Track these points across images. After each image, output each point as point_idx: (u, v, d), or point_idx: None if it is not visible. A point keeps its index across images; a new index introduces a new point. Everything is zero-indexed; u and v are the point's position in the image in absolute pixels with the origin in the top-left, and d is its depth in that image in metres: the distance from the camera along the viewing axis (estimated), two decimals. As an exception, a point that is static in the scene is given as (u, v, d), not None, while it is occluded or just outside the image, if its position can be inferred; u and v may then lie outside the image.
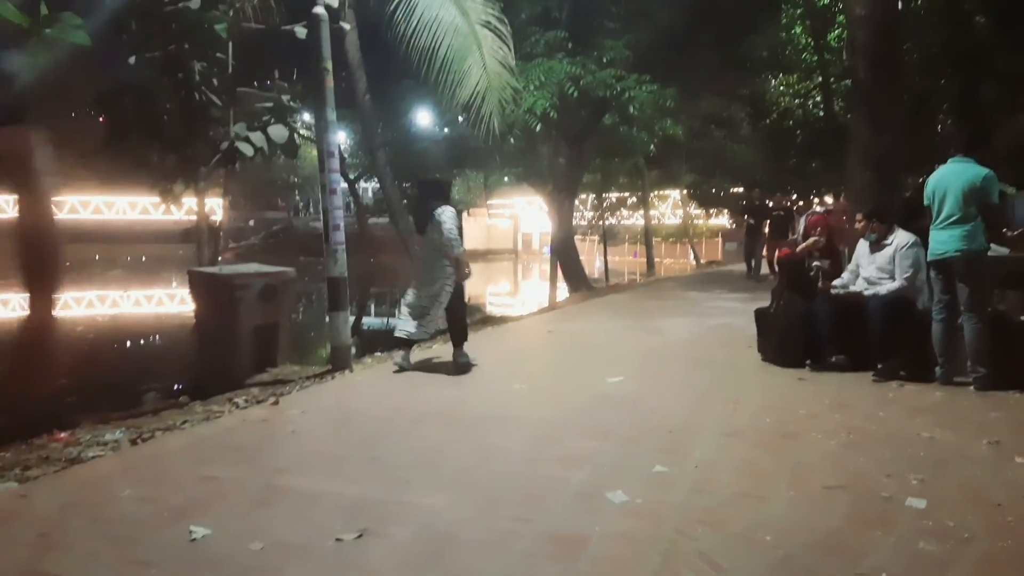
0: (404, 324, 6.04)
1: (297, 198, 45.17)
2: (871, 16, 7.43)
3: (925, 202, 5.24)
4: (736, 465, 3.57)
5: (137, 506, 3.15)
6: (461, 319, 6.21)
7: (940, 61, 12.41)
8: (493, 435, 4.15)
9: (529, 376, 5.77)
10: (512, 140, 13.69)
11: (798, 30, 16.23)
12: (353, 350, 6.73)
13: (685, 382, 5.51)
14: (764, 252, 13.59)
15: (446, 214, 5.88)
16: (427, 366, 6.27)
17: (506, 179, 24.00)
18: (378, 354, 7.38)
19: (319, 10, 6.31)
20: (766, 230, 13.38)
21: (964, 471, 3.43)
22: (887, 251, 5.64)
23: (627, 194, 28.78)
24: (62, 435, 4.43)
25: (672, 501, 3.11)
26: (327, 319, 6.56)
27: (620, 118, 13.40)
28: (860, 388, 5.19)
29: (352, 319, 7.58)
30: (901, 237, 5.61)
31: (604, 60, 12.69)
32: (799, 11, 15.86)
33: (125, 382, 7.85)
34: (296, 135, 7.52)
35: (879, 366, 5.42)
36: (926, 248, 5.43)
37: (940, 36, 12.17)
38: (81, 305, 18.47)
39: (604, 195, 27.02)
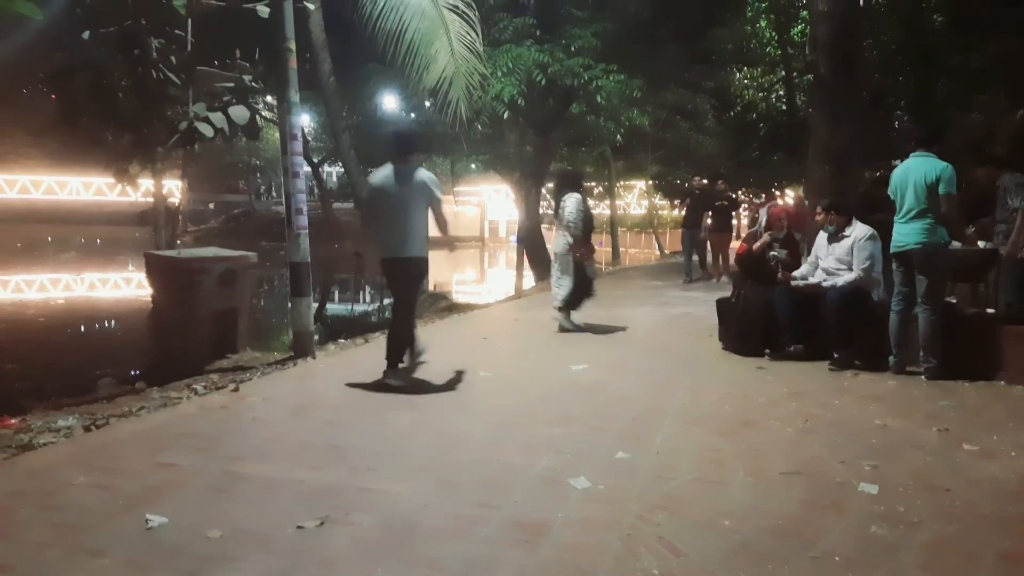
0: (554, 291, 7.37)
1: (259, 181, 44.30)
2: (833, 12, 7.54)
3: (890, 196, 5.35)
4: (696, 452, 3.63)
5: (90, 494, 3.07)
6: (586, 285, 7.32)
7: (898, 58, 12.70)
8: (457, 422, 4.15)
9: (494, 363, 5.78)
10: (479, 127, 13.63)
11: (763, 24, 16.45)
12: (316, 337, 6.65)
13: (648, 370, 5.57)
14: (707, 246, 12.60)
15: (569, 200, 7.13)
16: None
17: (473, 166, 23.87)
18: (341, 341, 7.31)
19: (283, -12, 6.17)
20: (708, 221, 12.23)
21: (914, 458, 3.54)
22: (845, 243, 5.77)
23: (593, 184, 28.89)
24: (12, 421, 4.30)
25: (633, 487, 3.15)
26: (289, 305, 6.47)
27: (587, 107, 13.41)
28: (817, 377, 5.32)
29: (315, 305, 7.47)
30: (859, 230, 5.74)
31: (572, 49, 12.67)
32: (763, 5, 16.07)
33: (79, 367, 7.63)
34: (258, 116, 7.35)
35: (835, 355, 5.56)
36: (884, 241, 5.57)
37: (898, 34, 12.45)
38: (32, 288, 17.88)
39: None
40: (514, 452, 3.62)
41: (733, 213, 12.57)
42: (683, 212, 13.17)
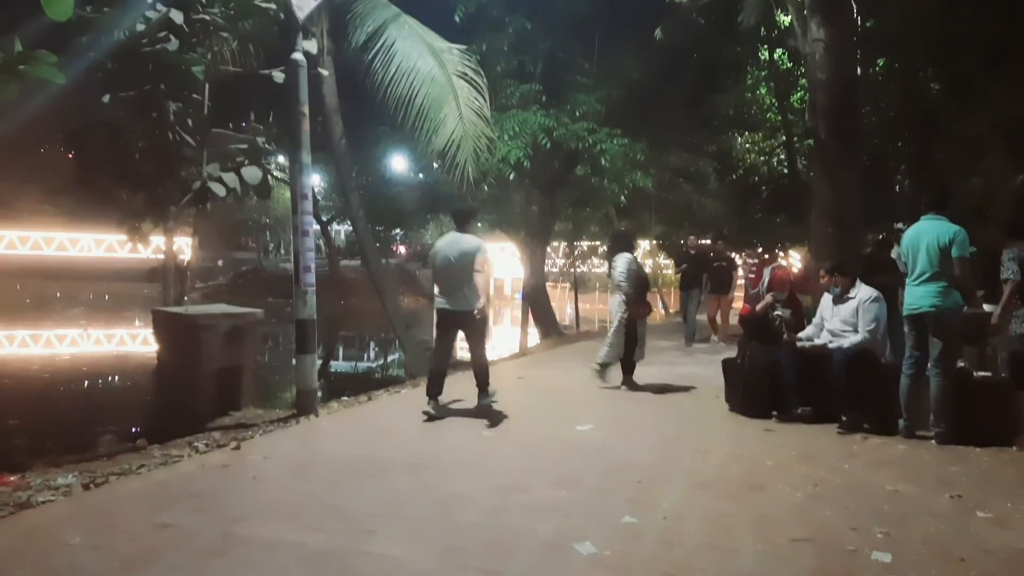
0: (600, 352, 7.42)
1: (268, 239, 44.84)
2: (831, 80, 7.77)
3: (900, 258, 5.35)
4: (704, 516, 3.56)
5: (86, 554, 3.02)
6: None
7: (896, 124, 12.97)
8: (460, 483, 4.09)
9: (498, 422, 5.72)
10: (486, 187, 13.86)
11: (763, 91, 16.87)
12: (319, 394, 6.62)
13: (654, 431, 5.51)
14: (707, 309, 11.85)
15: (620, 260, 7.26)
16: (388, 412, 6.18)
17: (479, 225, 24.22)
18: (345, 398, 7.26)
19: (297, 56, 6.39)
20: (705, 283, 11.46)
21: (927, 525, 3.46)
22: (850, 304, 5.77)
23: (598, 243, 29.16)
24: (11, 478, 4.25)
25: (640, 553, 3.08)
26: (294, 362, 6.46)
27: (591, 169, 13.68)
28: (825, 440, 5.24)
29: (319, 362, 7.46)
30: (864, 291, 5.76)
31: (576, 113, 13.02)
32: (763, 73, 16.51)
33: (81, 424, 7.58)
34: (270, 176, 7.51)
35: (843, 418, 5.49)
36: (889, 303, 5.56)
37: (896, 101, 12.75)
38: (38, 344, 17.92)
39: (575, 243, 27.36)
40: (518, 515, 3.55)
41: (732, 274, 11.61)
42: (678, 274, 12.24)
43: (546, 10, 14.11)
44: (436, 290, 6.05)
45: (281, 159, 14.11)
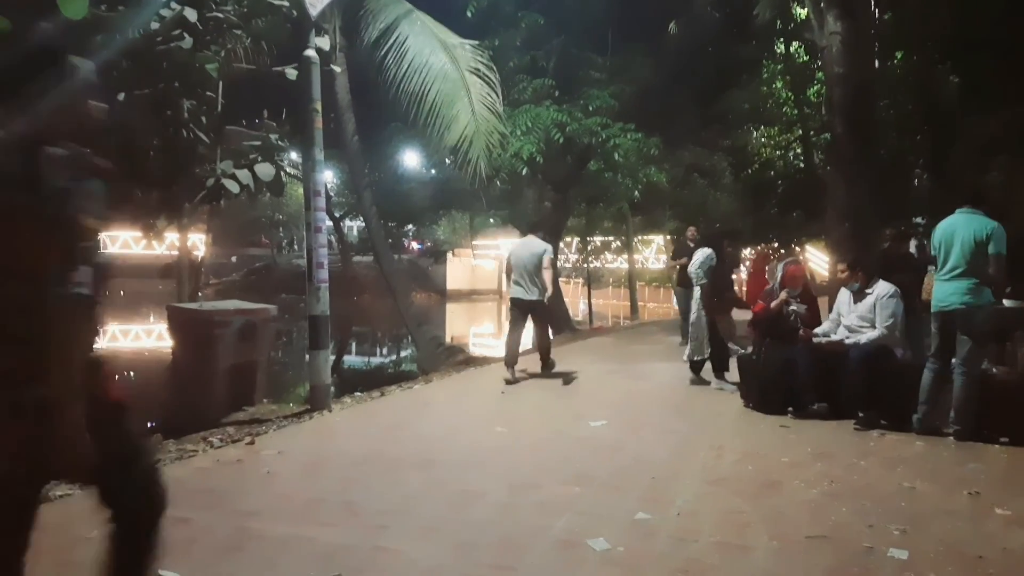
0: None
1: (281, 235, 45.06)
2: (848, 75, 7.67)
3: (931, 252, 5.23)
4: (719, 513, 3.53)
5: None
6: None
7: (914, 120, 12.79)
8: (472, 480, 4.09)
9: (511, 419, 5.72)
10: (498, 183, 13.85)
11: (779, 84, 16.69)
12: (332, 390, 6.64)
13: (667, 428, 5.48)
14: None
15: (698, 254, 7.22)
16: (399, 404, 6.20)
17: (492, 221, 24.19)
18: (357, 394, 7.29)
19: (310, 53, 6.41)
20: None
21: (945, 523, 3.42)
22: (868, 300, 5.71)
23: (611, 238, 29.07)
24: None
25: (654, 550, 3.07)
26: (307, 358, 6.49)
27: (605, 165, 13.62)
28: (841, 437, 5.19)
29: (332, 358, 7.48)
30: (881, 287, 5.69)
31: (590, 108, 12.97)
32: (779, 67, 16.35)
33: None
34: (283, 173, 7.53)
35: (860, 415, 5.43)
36: (906, 299, 5.49)
37: (914, 96, 12.58)
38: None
39: (589, 239, 27.31)
40: (531, 512, 3.55)
41: (735, 270, 10.53)
42: (676, 267, 10.73)
43: (559, 5, 14.06)
44: (511, 283, 7.45)
45: (294, 156, 14.16)
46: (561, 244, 17.18)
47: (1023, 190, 9.05)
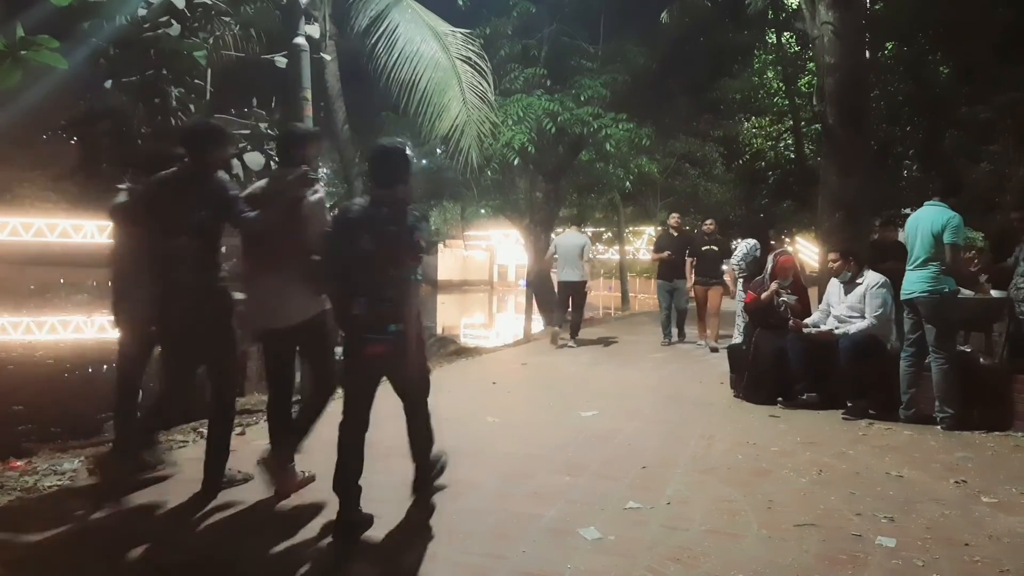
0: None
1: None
2: (839, 65, 7.66)
3: (901, 242, 5.36)
4: (709, 502, 3.56)
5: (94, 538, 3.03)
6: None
7: (905, 109, 12.85)
8: (464, 470, 4.09)
9: (502, 409, 5.73)
10: (490, 173, 13.80)
11: (770, 75, 16.71)
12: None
13: (659, 417, 5.50)
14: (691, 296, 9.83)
15: (742, 245, 7.75)
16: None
17: (483, 211, 24.16)
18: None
19: (300, 40, 6.36)
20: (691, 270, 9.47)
21: (932, 510, 3.46)
22: (858, 290, 5.74)
23: (603, 229, 29.08)
24: (18, 463, 4.28)
25: (645, 538, 3.09)
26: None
27: (596, 155, 13.59)
28: (830, 426, 5.23)
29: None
30: (871, 277, 5.73)
31: (582, 98, 12.92)
32: (771, 57, 16.36)
33: (86, 409, 7.61)
34: (272, 162, 7.48)
35: (849, 404, 5.48)
36: (895, 289, 5.53)
37: (905, 86, 12.62)
38: (43, 330, 18.00)
39: (580, 229, 27.35)
40: (523, 501, 3.56)
41: (724, 261, 9.52)
42: (655, 259, 9.94)
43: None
44: (558, 268, 9.63)
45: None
46: (552, 235, 17.12)
47: (1014, 179, 9.11)
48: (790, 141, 16.90)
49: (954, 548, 3.01)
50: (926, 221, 5.13)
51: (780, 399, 5.88)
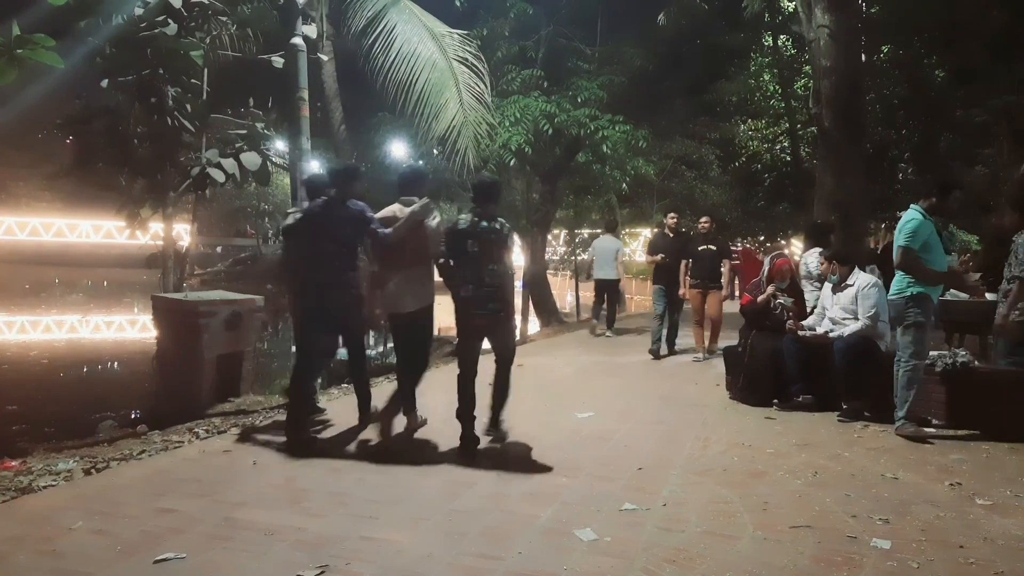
0: None
1: (267, 225, 44.76)
2: (835, 67, 7.71)
3: None
4: (704, 503, 3.56)
5: (89, 539, 3.03)
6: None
7: (901, 112, 12.89)
8: (460, 470, 4.10)
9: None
10: (486, 174, 13.79)
11: (766, 78, 16.76)
12: (320, 380, 6.61)
13: (655, 419, 5.51)
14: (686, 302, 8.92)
15: (810, 256, 7.00)
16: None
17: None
18: (344, 385, 7.26)
19: (297, 41, 6.36)
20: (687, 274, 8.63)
21: (927, 512, 3.47)
22: (849, 292, 5.76)
23: (599, 231, 29.12)
24: (12, 463, 4.26)
25: (640, 539, 3.09)
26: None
27: (593, 156, 13.61)
28: (826, 428, 5.25)
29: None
30: (862, 279, 5.74)
31: (579, 100, 12.94)
32: (767, 60, 16.40)
33: (81, 410, 7.59)
34: (269, 162, 7.47)
35: (844, 406, 5.50)
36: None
37: (901, 89, 12.67)
38: (37, 330, 17.93)
39: (576, 231, 27.35)
40: (519, 502, 3.56)
41: (723, 262, 8.64)
42: (650, 262, 9.22)
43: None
44: (596, 268, 10.73)
45: (280, 145, 14.03)
46: (549, 236, 17.13)
47: (1009, 181, 9.13)
48: (786, 144, 16.96)
49: (949, 550, 3.02)
50: (899, 224, 5.13)
51: (776, 401, 5.90)
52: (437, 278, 4.81)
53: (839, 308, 5.81)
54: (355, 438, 4.83)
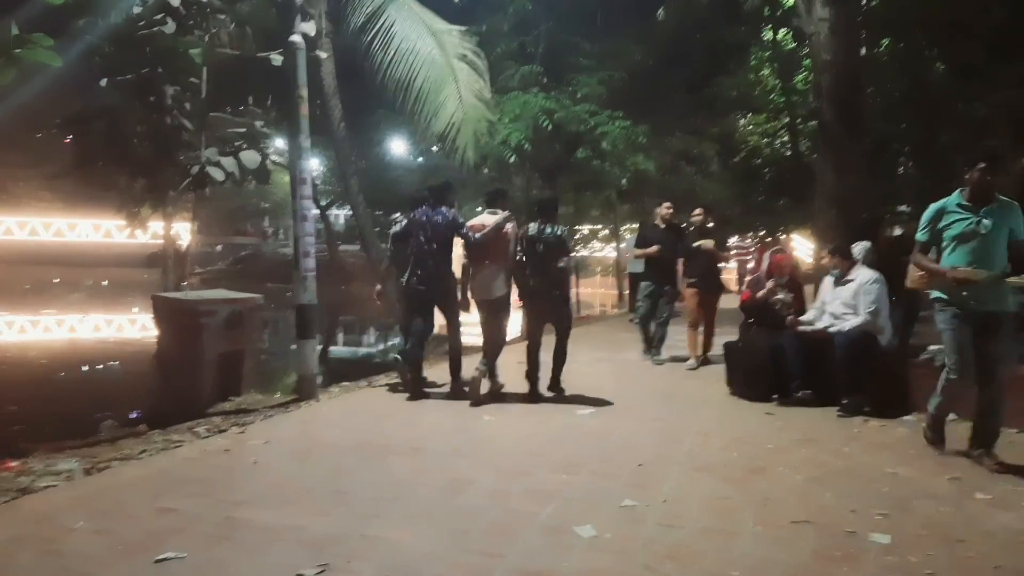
0: None
1: (267, 224, 44.75)
2: (835, 61, 7.68)
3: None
4: (705, 499, 3.57)
5: (90, 539, 3.03)
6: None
7: (902, 107, 12.84)
8: (461, 468, 4.10)
9: (497, 407, 5.73)
10: (486, 171, 13.80)
11: (766, 72, 16.70)
12: (320, 379, 6.63)
13: (655, 415, 5.51)
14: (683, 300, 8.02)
15: (855, 248, 6.60)
16: (383, 396, 6.21)
17: (479, 209, 24.18)
18: (345, 384, 7.27)
19: (296, 38, 6.33)
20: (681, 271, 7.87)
21: (927, 507, 3.47)
22: (851, 287, 5.75)
23: (599, 227, 29.08)
24: (13, 464, 4.27)
25: (641, 536, 3.09)
26: (294, 347, 6.46)
27: (593, 152, 13.60)
28: (826, 423, 5.25)
29: (319, 348, 7.45)
30: (864, 274, 5.73)
31: (578, 96, 12.94)
32: (767, 54, 16.34)
33: (81, 409, 7.59)
34: (268, 161, 7.47)
35: (844, 402, 5.49)
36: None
37: (901, 83, 12.61)
38: (37, 329, 17.95)
39: (577, 227, 27.34)
40: (520, 499, 3.56)
41: (722, 258, 8.03)
42: (641, 255, 8.18)
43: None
44: (631, 263, 11.47)
45: (280, 143, 14.02)
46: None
47: (1010, 177, 9.07)
48: (786, 139, 16.91)
49: (949, 545, 3.02)
50: None
51: (776, 396, 5.89)
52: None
53: (840, 303, 5.80)
54: (353, 438, 4.84)
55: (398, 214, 7.24)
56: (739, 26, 15.74)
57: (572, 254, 7.38)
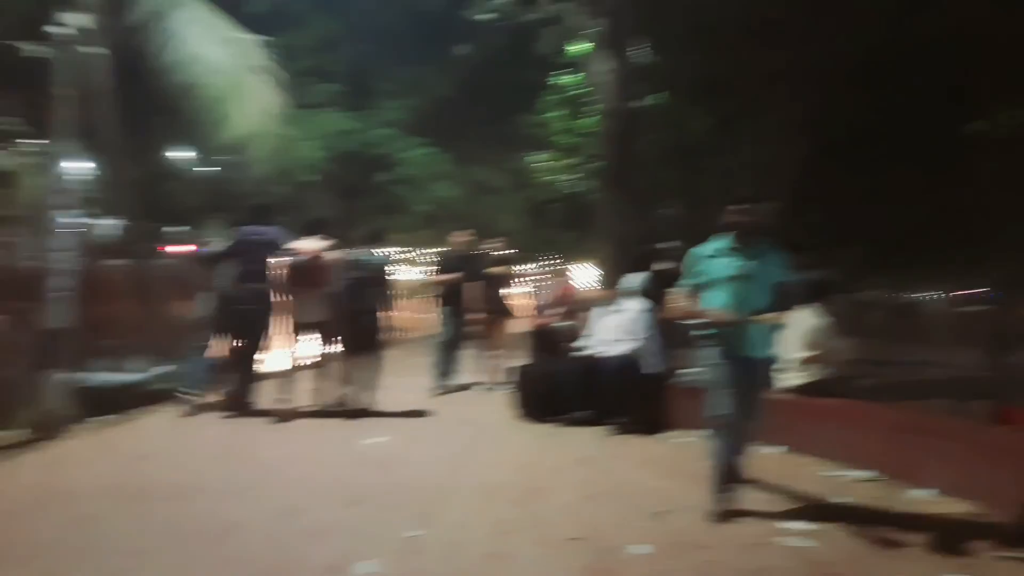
0: None
1: (14, 234, 38.76)
2: (616, 109, 8.50)
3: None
4: (487, 524, 3.64)
5: None
6: None
7: (671, 154, 14.38)
8: (234, 510, 3.80)
9: (280, 441, 5.43)
10: (281, 188, 13.19)
11: (555, 114, 17.83)
12: (69, 414, 5.80)
13: (444, 441, 5.56)
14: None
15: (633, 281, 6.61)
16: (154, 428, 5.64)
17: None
18: (102, 418, 6.45)
19: (61, 28, 5.63)
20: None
21: (683, 517, 3.80)
22: (619, 315, 6.27)
23: (409, 249, 28.95)
24: None
25: (423, 568, 3.08)
26: (36, 377, 5.62)
27: (394, 177, 13.59)
28: (599, 442, 5.62)
29: (71, 377, 6.46)
30: (631, 303, 6.27)
31: (382, 120, 12.90)
32: (556, 97, 17.47)
33: None
34: (20, 163, 6.50)
35: (614, 422, 5.95)
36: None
37: (668, 134, 14.13)
38: None
39: (381, 250, 26.97)
40: (297, 539, 3.38)
41: (511, 284, 8.61)
42: (440, 282, 8.25)
43: (352, 11, 13.82)
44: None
45: (41, 143, 12.25)
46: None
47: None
48: (574, 176, 18.15)
49: (698, 551, 3.35)
50: None
51: (557, 418, 6.22)
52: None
53: (609, 330, 6.29)
54: (109, 481, 4.30)
55: (212, 235, 7.40)
56: (531, 69, 16.66)
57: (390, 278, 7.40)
